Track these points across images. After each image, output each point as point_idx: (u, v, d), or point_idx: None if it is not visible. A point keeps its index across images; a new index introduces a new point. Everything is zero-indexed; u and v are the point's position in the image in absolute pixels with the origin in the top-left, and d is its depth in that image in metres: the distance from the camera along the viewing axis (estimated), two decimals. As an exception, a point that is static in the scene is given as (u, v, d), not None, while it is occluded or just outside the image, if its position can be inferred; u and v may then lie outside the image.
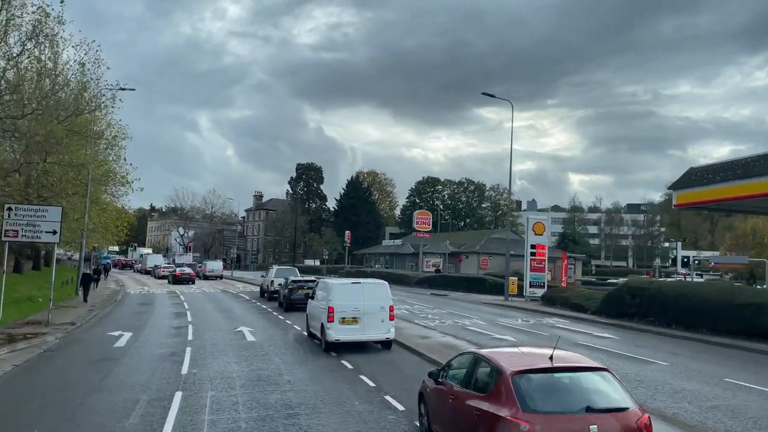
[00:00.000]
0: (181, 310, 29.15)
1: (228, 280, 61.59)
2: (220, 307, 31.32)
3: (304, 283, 30.06)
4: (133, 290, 45.56)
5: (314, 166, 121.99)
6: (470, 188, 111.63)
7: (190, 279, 54.89)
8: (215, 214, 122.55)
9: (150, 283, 56.19)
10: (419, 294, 42.22)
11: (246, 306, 33.04)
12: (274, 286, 34.83)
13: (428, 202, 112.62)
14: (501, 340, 19.73)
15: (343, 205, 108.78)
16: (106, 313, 28.30)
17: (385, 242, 72.20)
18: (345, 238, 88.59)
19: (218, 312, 28.80)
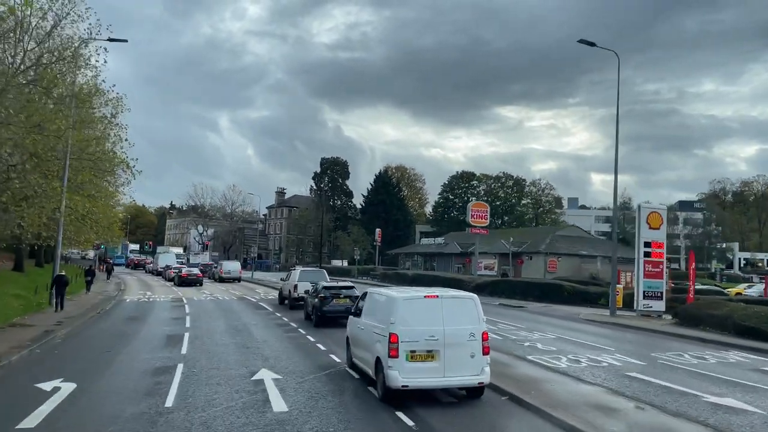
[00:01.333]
0: (178, 331, 20.51)
1: (247, 283, 53.14)
2: (234, 325, 22.63)
3: (339, 290, 23.60)
4: (131, 296, 37.23)
5: (339, 161, 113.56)
6: (508, 183, 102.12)
7: (197, 280, 46.73)
8: (235, 212, 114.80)
9: (156, 285, 47.98)
10: (485, 305, 33.16)
11: (267, 322, 24.37)
12: (298, 292, 28.22)
13: (462, 198, 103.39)
14: (732, 411, 10.66)
15: (371, 201, 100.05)
16: (71, 332, 19.80)
17: (424, 240, 63.19)
18: (375, 236, 79.98)
19: (230, 334, 20.08)
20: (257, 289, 44.20)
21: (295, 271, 31.13)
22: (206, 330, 20.91)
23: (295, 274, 30.13)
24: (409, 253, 65.50)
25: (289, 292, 29.58)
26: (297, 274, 30.05)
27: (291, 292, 29.01)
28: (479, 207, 42.16)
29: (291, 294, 28.95)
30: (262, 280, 55.58)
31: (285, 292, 30.76)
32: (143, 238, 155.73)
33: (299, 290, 27.90)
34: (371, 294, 13.22)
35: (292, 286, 29.19)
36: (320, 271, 32.35)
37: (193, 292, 40.43)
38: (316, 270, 33.97)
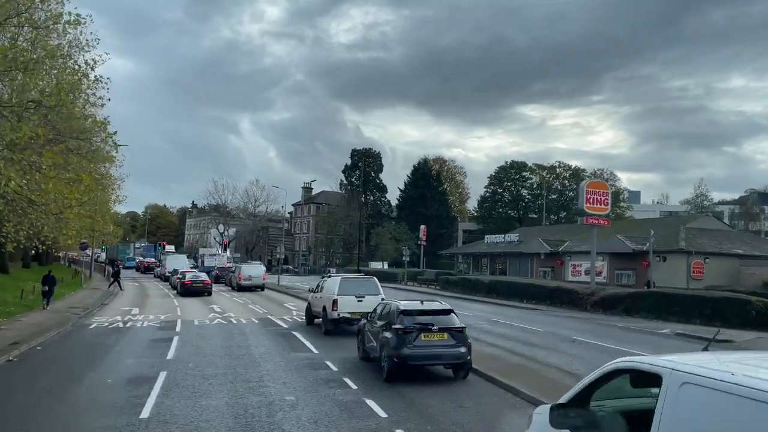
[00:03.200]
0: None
1: (272, 292, 41.37)
2: (247, 406, 10.56)
3: (429, 316, 13.56)
4: (106, 314, 25.68)
5: (372, 152, 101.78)
6: (565, 175, 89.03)
7: (204, 289, 35.40)
8: (258, 209, 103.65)
9: (153, 295, 36.53)
10: (650, 335, 20.75)
11: (310, 381, 12.29)
12: (339, 311, 19.54)
13: (512, 191, 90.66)
14: None
15: (410, 195, 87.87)
16: None
17: (490, 238, 50.78)
18: (420, 234, 67.79)
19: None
20: (287, 303, 32.27)
21: (332, 280, 21.38)
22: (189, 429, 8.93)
23: (333, 284, 20.54)
24: (468, 254, 53.14)
25: (324, 310, 20.21)
26: (335, 283, 20.36)
27: (328, 309, 19.83)
28: (598, 188, 29.53)
29: (327, 313, 19.80)
30: (290, 288, 43.75)
31: (316, 307, 21.56)
32: (164, 239, 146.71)
33: (341, 308, 19.36)
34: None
35: (329, 301, 19.87)
36: (368, 280, 21.64)
37: (197, 309, 28.74)
38: (361, 278, 23.02)
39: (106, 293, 36.52)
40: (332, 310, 19.26)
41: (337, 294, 19.35)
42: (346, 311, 19.04)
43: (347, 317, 18.94)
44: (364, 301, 18.97)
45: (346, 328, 19.44)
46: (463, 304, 33.35)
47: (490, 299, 34.90)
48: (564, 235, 44.16)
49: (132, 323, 22.58)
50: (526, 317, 25.85)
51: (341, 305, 19.14)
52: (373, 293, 19.52)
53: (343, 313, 19.07)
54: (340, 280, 20.40)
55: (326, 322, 19.77)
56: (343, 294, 19.35)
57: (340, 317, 19.10)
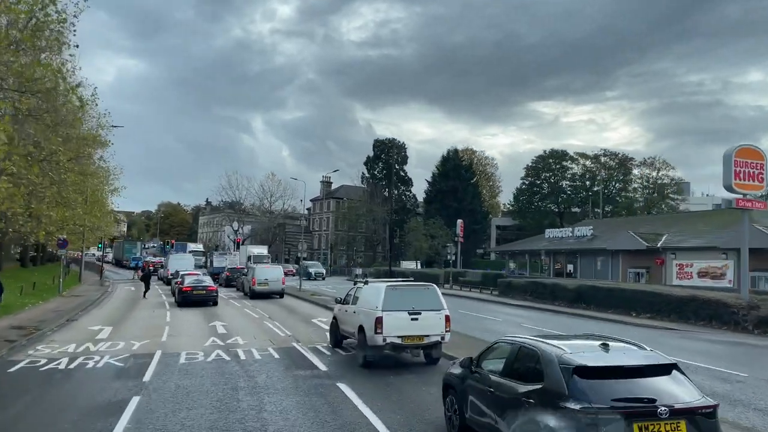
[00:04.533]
0: None
1: (294, 300, 33.22)
2: None
3: (640, 381, 5.88)
4: (55, 342, 17.42)
5: (396, 143, 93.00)
6: (611, 164, 79.90)
7: (207, 298, 27.52)
8: (275, 205, 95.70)
9: (141, 307, 28.32)
10: None
11: None
12: (386, 334, 12.98)
13: (552, 182, 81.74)
14: None
15: (439, 188, 79.21)
16: None
17: (552, 232, 41.84)
18: (456, 229, 59.33)
19: None
20: (316, 318, 23.85)
21: (372, 288, 14.47)
22: None
23: (373, 294, 14.02)
24: (521, 252, 44.31)
25: (360, 332, 13.84)
26: (378, 292, 13.74)
27: (367, 331, 13.42)
28: (750, 157, 20.72)
29: (367, 336, 13.41)
30: (316, 294, 35.49)
31: (347, 326, 15.46)
32: (177, 238, 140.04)
33: (388, 330, 13.03)
34: None
35: (369, 319, 13.45)
36: (425, 288, 14.50)
37: (193, 329, 20.49)
38: (414, 285, 15.00)
39: (84, 302, 28.49)
40: (375, 332, 12.99)
41: (381, 309, 13.07)
42: (395, 334, 13.05)
43: (397, 343, 13.17)
44: (421, 319, 13.19)
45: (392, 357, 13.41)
46: (549, 318, 24.77)
47: (580, 310, 26.36)
48: (656, 226, 35.44)
49: (84, 360, 14.35)
50: (674, 344, 17.26)
51: (388, 326, 12.98)
52: (433, 307, 13.51)
53: (391, 337, 13.04)
54: (384, 289, 13.52)
55: (364, 349, 13.48)
56: (391, 309, 13.11)
57: (387, 343, 13.09)
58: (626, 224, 40.50)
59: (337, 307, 16.83)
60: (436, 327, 13.23)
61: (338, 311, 16.38)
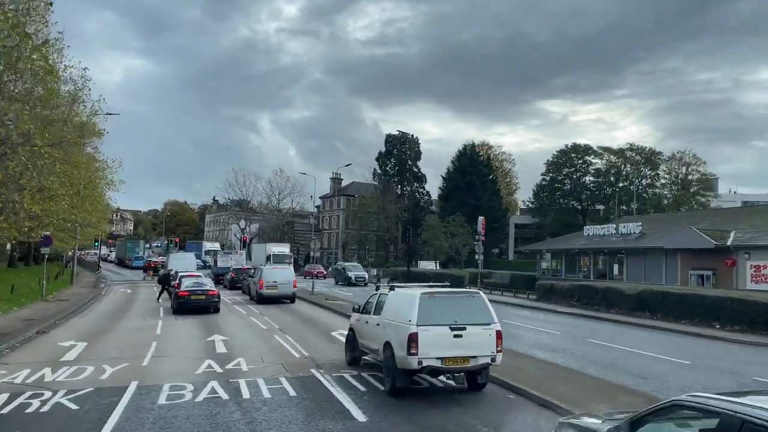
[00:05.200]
0: None
1: (306, 305, 29.31)
2: None
3: None
4: (5, 368, 13.33)
5: (409, 138, 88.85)
6: (636, 158, 75.45)
7: (207, 304, 23.90)
8: (283, 202, 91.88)
9: (135, 311, 24.38)
10: None
11: None
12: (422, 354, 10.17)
13: (573, 178, 77.39)
14: None
15: (456, 184, 74.99)
16: None
17: (592, 229, 37.37)
18: (478, 227, 55.18)
19: None
20: (336, 332, 19.79)
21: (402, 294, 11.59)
22: None
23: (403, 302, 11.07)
24: (557, 251, 39.89)
25: (387, 349, 10.97)
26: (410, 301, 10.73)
27: (396, 350, 10.51)
28: None
29: (397, 356, 10.47)
30: (330, 298, 31.51)
31: (369, 340, 12.47)
32: (184, 237, 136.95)
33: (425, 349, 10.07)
34: None
35: (398, 335, 10.56)
36: (470, 297, 11.45)
37: (186, 347, 16.47)
38: (455, 292, 11.95)
39: (67, 308, 24.59)
40: (408, 352, 10.14)
41: (416, 323, 10.24)
42: (433, 355, 10.24)
43: (436, 367, 10.40)
44: (466, 336, 10.41)
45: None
46: (619, 331, 20.64)
47: (645, 320, 22.22)
48: (715, 222, 31.15)
49: (29, 398, 10.37)
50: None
51: (425, 344, 10.17)
52: (481, 320, 10.69)
53: (428, 359, 10.22)
54: (419, 298, 10.60)
55: (394, 374, 10.59)
56: (428, 323, 10.31)
57: (424, 366, 10.31)
58: (680, 220, 36.22)
59: (354, 316, 13.77)
60: (485, 345, 10.43)
61: (356, 322, 13.45)
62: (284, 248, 55.87)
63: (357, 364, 13.17)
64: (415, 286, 13.03)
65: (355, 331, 13.34)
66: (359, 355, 13.12)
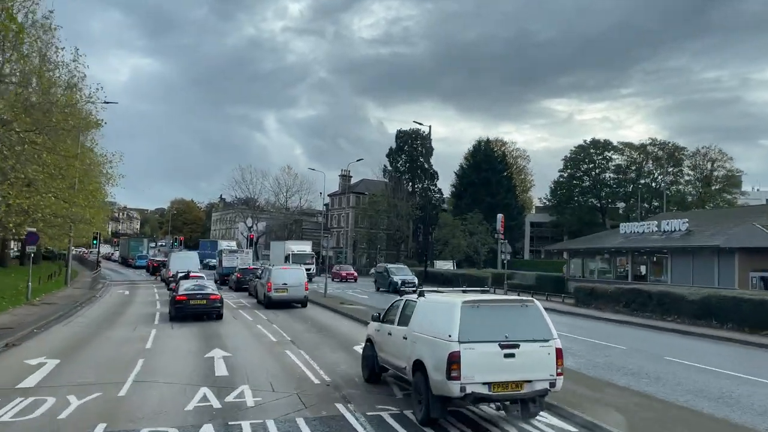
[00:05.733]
0: None
1: (321, 310, 26.31)
2: None
3: None
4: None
5: (421, 134, 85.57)
6: (659, 154, 71.99)
7: (209, 309, 21.11)
8: (290, 200, 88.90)
9: (128, 319, 21.28)
10: None
11: None
12: (466, 378, 8.04)
13: (592, 175, 74.03)
14: None
15: (470, 181, 71.91)
16: None
17: (630, 227, 33.90)
18: (497, 225, 52.11)
19: None
20: (360, 342, 16.71)
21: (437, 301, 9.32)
22: None
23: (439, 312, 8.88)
24: (588, 251, 36.54)
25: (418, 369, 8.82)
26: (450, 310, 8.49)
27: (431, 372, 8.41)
28: None
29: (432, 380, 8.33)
30: (346, 302, 28.46)
31: (393, 356, 10.24)
32: (191, 235, 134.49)
33: (469, 371, 8.04)
34: None
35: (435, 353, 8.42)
36: (522, 306, 8.87)
37: (179, 367, 13.37)
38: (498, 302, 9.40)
39: (51, 314, 21.60)
40: (448, 376, 8.00)
41: (458, 338, 8.15)
42: (479, 380, 8.05)
43: (483, 394, 8.08)
44: (519, 355, 8.26)
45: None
46: (693, 345, 17.47)
47: (712, 330, 19.05)
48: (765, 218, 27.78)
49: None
50: None
51: (470, 366, 8.03)
52: (537, 336, 8.52)
53: (473, 384, 8.01)
54: (460, 308, 8.50)
55: (428, 401, 8.49)
56: (473, 339, 8.19)
57: (467, 394, 8.00)
58: (730, 216, 32.78)
59: (373, 325, 11.73)
60: (543, 367, 8.41)
61: (375, 332, 11.42)
62: (306, 246, 51.13)
63: (377, 381, 11.26)
64: (446, 290, 11.02)
65: (374, 342, 11.32)
66: (379, 371, 11.24)
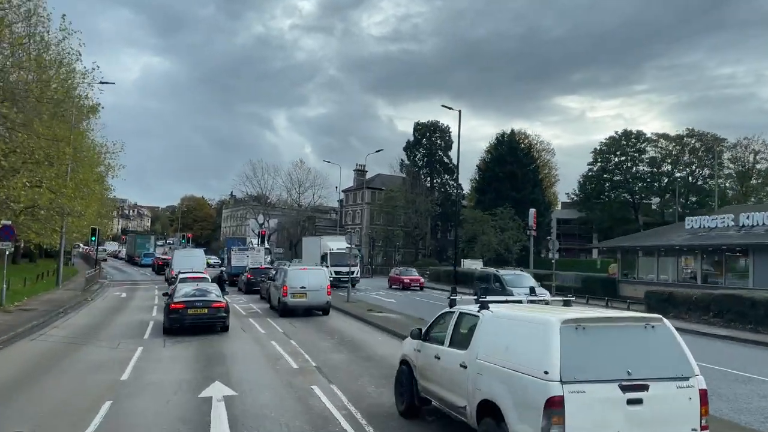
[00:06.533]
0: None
1: (347, 319, 22.21)
2: None
3: None
4: None
5: (440, 126, 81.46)
6: (696, 145, 67.10)
7: (211, 320, 16.83)
8: (303, 196, 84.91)
9: (114, 332, 17.11)
10: None
11: None
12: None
13: (624, 167, 69.27)
14: None
15: (494, 174, 67.41)
16: None
17: (699, 220, 29.24)
18: (529, 220, 47.79)
19: None
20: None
21: (516, 325, 6.61)
22: None
23: (533, 337, 6.06)
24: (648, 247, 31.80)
25: (494, 421, 6.09)
26: (549, 339, 5.73)
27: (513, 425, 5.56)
28: None
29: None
30: (374, 308, 24.20)
31: (445, 391, 7.66)
32: (201, 233, 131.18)
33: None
34: None
35: (527, 405, 5.64)
36: (648, 329, 5.80)
37: (158, 418, 8.99)
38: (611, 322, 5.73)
39: (21, 324, 17.55)
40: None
41: (559, 376, 5.43)
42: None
43: None
44: (648, 402, 5.57)
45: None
46: None
47: None
48: None
49: None
50: None
51: (578, 418, 5.34)
52: (672, 372, 5.79)
53: None
54: (559, 329, 5.61)
55: None
56: (581, 377, 5.46)
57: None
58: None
59: (411, 343, 9.07)
60: (682, 419, 5.67)
61: (415, 353, 8.78)
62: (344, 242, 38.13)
63: (416, 415, 8.71)
64: (512, 300, 8.74)
65: (413, 366, 8.80)
66: (419, 402, 8.63)
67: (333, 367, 12.58)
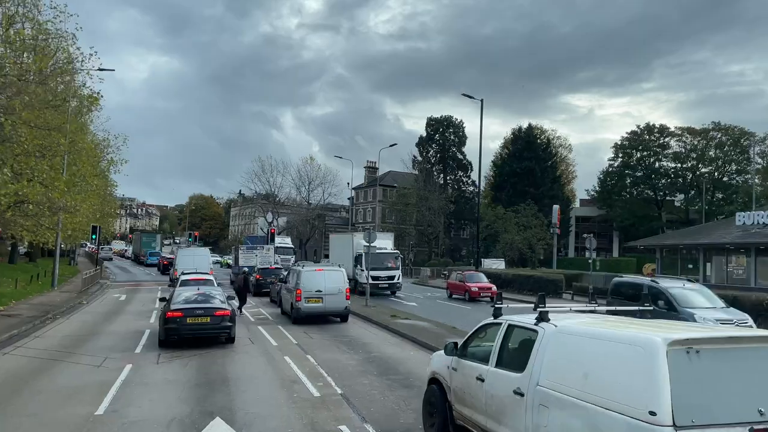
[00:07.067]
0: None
1: (365, 324, 19.64)
2: None
3: None
4: None
5: (453, 121, 78.81)
6: (721, 139, 63.98)
7: (214, 330, 14.10)
8: (313, 194, 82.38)
9: (104, 343, 14.58)
10: None
11: None
12: None
13: (646, 163, 66.25)
14: None
15: (512, 170, 64.48)
16: None
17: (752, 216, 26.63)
18: (553, 218, 45.12)
19: None
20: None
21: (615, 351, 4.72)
22: None
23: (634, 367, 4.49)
24: (694, 245, 29.03)
25: None
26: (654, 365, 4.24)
27: None
28: None
29: None
30: (399, 314, 21.58)
31: (494, 423, 5.99)
32: (210, 231, 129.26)
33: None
34: None
35: None
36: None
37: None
38: (735, 342, 4.33)
39: (8, 338, 15.11)
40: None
41: (672, 420, 4.14)
42: None
43: None
44: None
45: None
46: None
47: None
48: None
49: None
50: None
51: None
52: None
53: None
54: (666, 352, 4.34)
55: None
56: (698, 420, 4.16)
57: None
58: None
59: (443, 360, 7.54)
60: None
61: (450, 372, 7.25)
62: (387, 242, 32.90)
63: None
64: (586, 310, 7.08)
65: (446, 387, 7.32)
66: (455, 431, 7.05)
67: (363, 396, 9.99)
